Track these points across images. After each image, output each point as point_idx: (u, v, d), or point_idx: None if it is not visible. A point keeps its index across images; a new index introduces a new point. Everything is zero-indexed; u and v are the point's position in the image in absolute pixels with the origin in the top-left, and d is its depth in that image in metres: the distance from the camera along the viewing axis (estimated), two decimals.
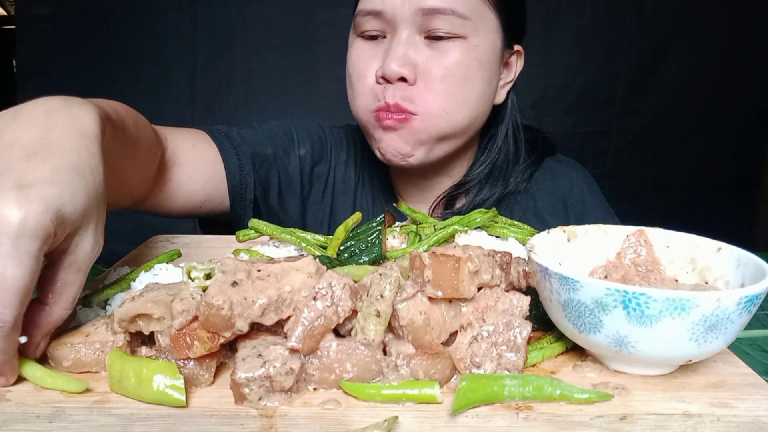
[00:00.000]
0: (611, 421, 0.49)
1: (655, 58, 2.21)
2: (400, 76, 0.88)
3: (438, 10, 0.86)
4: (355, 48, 0.95)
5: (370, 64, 0.92)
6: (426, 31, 0.89)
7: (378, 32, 0.92)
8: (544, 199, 1.07)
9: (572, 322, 0.55)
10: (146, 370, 0.51)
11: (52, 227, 0.47)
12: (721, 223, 1.70)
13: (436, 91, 0.90)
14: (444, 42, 0.89)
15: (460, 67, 0.90)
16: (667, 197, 2.35)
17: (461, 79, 0.90)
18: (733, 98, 2.28)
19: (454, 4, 0.87)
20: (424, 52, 0.89)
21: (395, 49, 0.88)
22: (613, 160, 2.32)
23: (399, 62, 0.87)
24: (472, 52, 0.90)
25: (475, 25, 0.89)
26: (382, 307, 0.53)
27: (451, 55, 0.89)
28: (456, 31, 0.88)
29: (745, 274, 0.58)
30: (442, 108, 0.91)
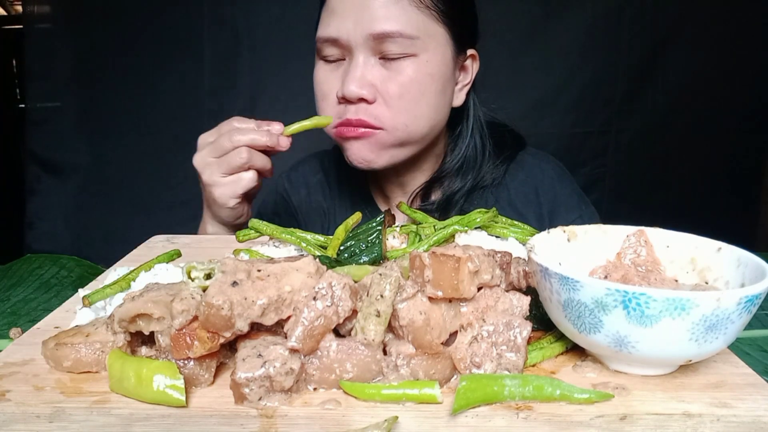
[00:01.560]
0: (611, 421, 0.49)
1: (654, 58, 2.21)
2: (359, 97, 0.96)
3: (387, 34, 0.93)
4: (318, 71, 1.04)
5: (332, 85, 1.00)
6: (379, 53, 0.96)
7: (337, 56, 0.99)
8: (516, 189, 1.14)
9: (572, 322, 0.55)
10: (146, 370, 0.51)
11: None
12: (721, 223, 1.69)
13: (395, 108, 0.98)
14: (397, 61, 0.96)
15: (414, 83, 0.97)
16: (667, 197, 2.35)
17: (416, 94, 0.98)
18: (733, 98, 2.28)
19: (401, 27, 0.93)
20: (379, 72, 0.97)
21: (353, 72, 0.96)
22: (612, 160, 2.32)
23: (357, 84, 0.95)
24: (423, 67, 0.97)
25: (425, 42, 0.96)
26: (382, 307, 0.53)
27: (404, 73, 0.96)
28: (407, 50, 0.95)
29: (745, 274, 0.58)
30: (402, 122, 0.99)
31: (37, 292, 1.15)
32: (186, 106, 2.28)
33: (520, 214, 1.11)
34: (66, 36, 2.26)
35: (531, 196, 1.14)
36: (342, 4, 0.96)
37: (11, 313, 1.06)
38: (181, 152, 2.30)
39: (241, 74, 2.25)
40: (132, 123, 2.29)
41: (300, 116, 1.06)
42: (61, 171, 2.32)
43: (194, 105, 2.28)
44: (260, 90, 2.25)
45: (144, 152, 2.30)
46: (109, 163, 2.32)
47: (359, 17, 0.94)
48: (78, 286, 0.77)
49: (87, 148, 2.31)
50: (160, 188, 2.32)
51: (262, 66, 2.24)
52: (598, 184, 2.32)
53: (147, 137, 2.30)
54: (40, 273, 1.22)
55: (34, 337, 0.63)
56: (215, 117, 2.31)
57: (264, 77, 2.25)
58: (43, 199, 2.34)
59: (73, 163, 2.31)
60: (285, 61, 2.20)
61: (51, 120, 2.30)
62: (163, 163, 2.30)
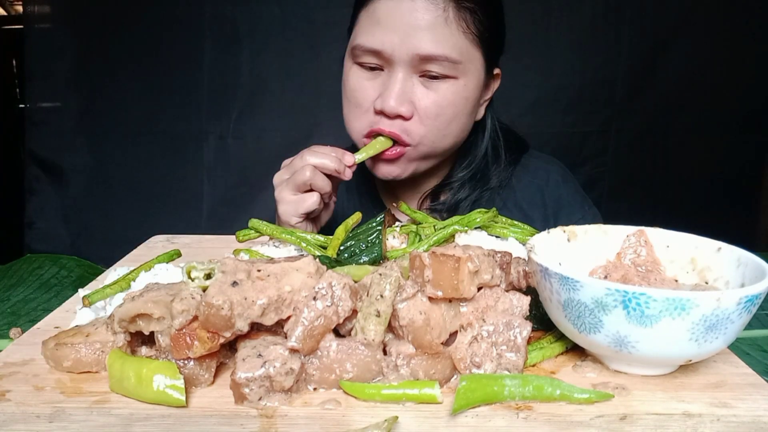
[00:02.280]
0: (611, 421, 0.49)
1: (654, 58, 2.21)
2: (397, 113, 0.96)
3: (433, 56, 0.93)
4: (353, 75, 1.01)
5: (367, 94, 1.00)
6: (421, 72, 0.96)
7: (375, 65, 0.99)
8: (522, 191, 1.15)
9: (572, 322, 0.55)
10: (146, 370, 0.51)
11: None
12: (721, 223, 1.69)
13: (429, 126, 0.99)
14: (437, 82, 0.97)
15: (451, 106, 0.98)
16: (667, 197, 2.35)
17: (451, 116, 0.99)
18: (733, 97, 2.27)
19: (447, 51, 0.93)
20: (419, 90, 0.97)
21: (393, 86, 0.96)
22: (612, 160, 2.31)
23: (397, 100, 0.95)
24: (461, 91, 0.98)
25: (465, 66, 0.97)
26: (382, 307, 0.53)
27: (443, 94, 0.97)
28: (448, 73, 0.96)
29: (745, 274, 0.58)
30: (431, 140, 1.01)
31: (37, 292, 1.15)
32: (186, 107, 2.28)
33: (526, 215, 1.13)
34: (66, 36, 2.25)
35: (536, 197, 1.15)
36: (390, 17, 0.94)
37: (11, 313, 1.06)
38: (182, 152, 2.32)
39: (242, 75, 2.25)
40: (132, 123, 2.29)
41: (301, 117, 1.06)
42: (61, 171, 2.32)
43: (194, 105, 2.28)
44: (261, 91, 2.25)
45: (144, 152, 2.30)
46: (109, 163, 2.32)
47: (407, 34, 0.93)
48: (78, 286, 0.77)
49: (87, 148, 2.31)
50: (161, 188, 2.32)
51: (262, 67, 2.24)
52: (598, 184, 2.32)
53: (147, 137, 2.30)
54: (40, 273, 1.22)
55: (34, 337, 0.63)
56: (215, 117, 2.33)
57: (265, 78, 2.24)
58: (43, 199, 2.33)
59: (73, 163, 2.31)
60: (286, 62, 2.20)
61: (51, 120, 2.29)
62: (163, 163, 2.30)
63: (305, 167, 0.94)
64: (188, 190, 2.32)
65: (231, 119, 2.27)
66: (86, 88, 2.27)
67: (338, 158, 0.95)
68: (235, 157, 2.29)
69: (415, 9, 0.92)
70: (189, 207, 2.33)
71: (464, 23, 0.94)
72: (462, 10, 0.94)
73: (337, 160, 0.95)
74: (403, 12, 0.93)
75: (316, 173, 0.94)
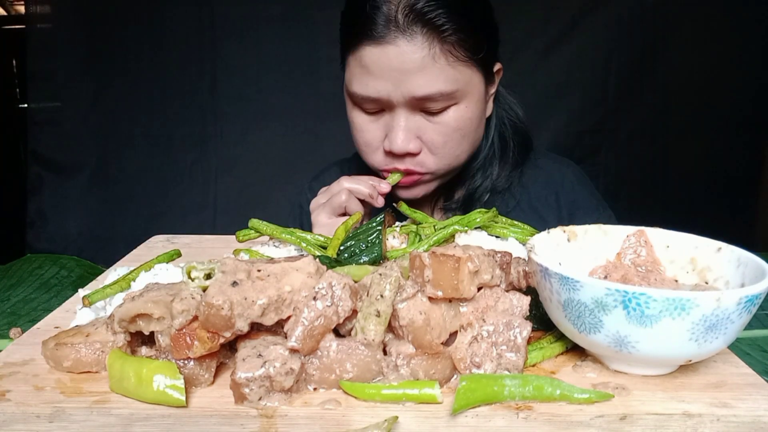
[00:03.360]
0: (611, 421, 0.49)
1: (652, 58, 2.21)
2: (406, 152, 0.99)
3: (428, 97, 0.95)
4: (358, 119, 1.03)
5: (374, 135, 1.02)
6: (421, 108, 0.98)
7: (377, 109, 1.00)
8: (538, 192, 1.15)
9: (572, 322, 0.55)
10: (146, 370, 0.51)
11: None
12: (721, 223, 1.69)
13: (440, 155, 1.01)
14: (439, 115, 0.98)
15: (457, 130, 1.00)
16: (667, 197, 2.35)
17: (459, 139, 1.01)
18: (730, 97, 2.27)
19: (441, 87, 0.94)
20: (422, 124, 0.99)
21: (396, 128, 0.98)
22: (611, 160, 2.31)
23: (403, 141, 0.98)
24: (464, 113, 0.99)
25: (463, 91, 0.98)
26: (382, 307, 0.53)
27: (447, 123, 0.98)
28: (447, 103, 0.97)
29: (745, 274, 0.58)
30: (446, 164, 1.03)
31: (37, 292, 1.15)
32: (187, 107, 2.28)
33: (540, 216, 1.13)
34: (68, 36, 2.26)
35: (551, 199, 1.15)
36: (378, 64, 0.95)
37: (11, 313, 1.06)
38: (182, 153, 2.32)
39: (246, 76, 2.25)
40: (133, 123, 2.29)
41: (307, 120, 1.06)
42: (63, 171, 2.32)
43: (196, 106, 2.28)
44: (265, 93, 2.25)
45: (145, 152, 2.30)
46: (110, 163, 2.32)
47: (398, 80, 0.94)
48: (78, 286, 0.77)
49: (88, 148, 2.31)
50: (161, 188, 2.32)
51: (267, 69, 2.24)
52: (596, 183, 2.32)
53: (148, 137, 2.30)
54: (40, 273, 1.22)
55: (34, 337, 0.63)
56: (217, 118, 2.33)
57: (270, 81, 2.24)
58: (45, 199, 2.34)
59: (74, 163, 2.31)
60: (291, 64, 2.20)
61: (53, 120, 2.30)
62: (163, 163, 2.31)
63: (341, 191, 0.98)
64: (189, 191, 2.33)
65: (235, 121, 2.27)
66: (88, 88, 2.27)
67: (373, 185, 0.99)
68: (237, 159, 2.29)
69: (401, 53, 0.92)
70: (189, 207, 2.33)
71: (452, 54, 0.94)
72: (446, 44, 0.93)
73: (372, 186, 0.99)
74: (390, 58, 0.93)
75: (351, 197, 0.98)
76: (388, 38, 0.92)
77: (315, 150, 2.10)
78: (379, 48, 0.93)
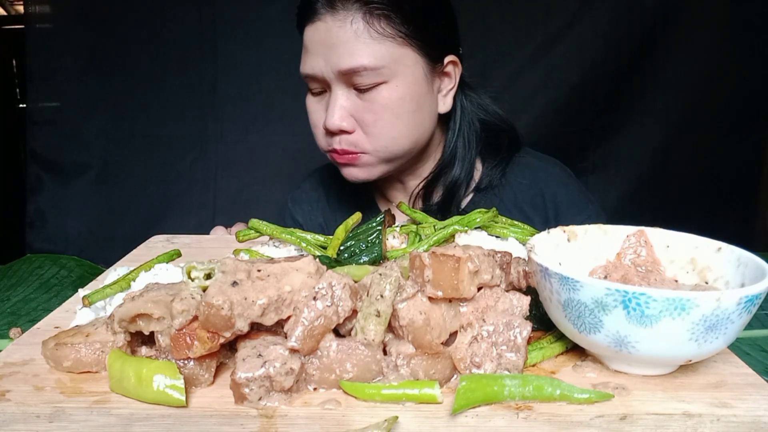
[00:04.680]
0: (611, 421, 0.49)
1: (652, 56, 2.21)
2: (340, 129, 1.02)
3: (352, 69, 0.97)
4: (308, 101, 1.10)
5: (319, 116, 1.06)
6: (353, 85, 1.01)
7: (320, 89, 1.05)
8: (523, 192, 1.16)
9: (572, 322, 0.55)
10: (146, 370, 0.51)
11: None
12: (721, 223, 1.69)
13: (373, 134, 1.03)
14: (370, 91, 1.00)
15: (387, 109, 1.01)
16: (667, 197, 2.34)
17: (390, 118, 1.02)
18: (730, 96, 2.26)
19: (365, 61, 0.97)
20: (356, 103, 1.02)
21: (331, 106, 1.02)
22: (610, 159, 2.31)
23: (337, 118, 1.01)
24: (394, 92, 1.01)
25: (391, 69, 0.99)
26: (382, 307, 0.53)
27: (377, 100, 1.00)
28: (376, 80, 0.99)
29: (745, 274, 0.58)
30: (381, 145, 1.04)
31: (37, 292, 1.15)
32: (188, 107, 2.27)
33: (526, 216, 1.13)
34: (67, 36, 2.25)
35: (537, 199, 1.15)
36: (312, 42, 1.01)
37: (11, 313, 1.06)
38: (182, 153, 2.31)
39: (246, 76, 2.25)
40: (133, 123, 2.28)
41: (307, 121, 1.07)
42: (62, 171, 2.32)
43: (196, 106, 2.27)
44: (265, 93, 2.24)
45: (145, 152, 2.30)
46: (109, 162, 2.31)
47: (327, 55, 0.99)
48: (78, 286, 0.77)
49: (87, 148, 2.30)
50: (161, 188, 2.32)
51: (267, 69, 2.24)
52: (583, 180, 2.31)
53: (148, 138, 2.30)
54: (40, 273, 1.22)
55: (34, 337, 0.63)
56: (217, 119, 2.33)
57: (270, 81, 2.24)
58: (44, 199, 2.34)
59: (73, 163, 2.31)
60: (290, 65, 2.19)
61: (52, 120, 2.30)
62: (163, 163, 2.30)
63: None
64: (189, 191, 2.32)
65: (235, 121, 2.27)
66: (88, 87, 2.27)
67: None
68: (237, 159, 2.29)
69: (328, 29, 0.98)
70: (189, 207, 2.33)
71: (377, 30, 0.97)
72: (371, 18, 0.97)
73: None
74: (320, 34, 0.99)
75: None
76: (319, 15, 0.99)
77: (314, 150, 2.10)
78: (313, 26, 1.00)
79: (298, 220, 1.28)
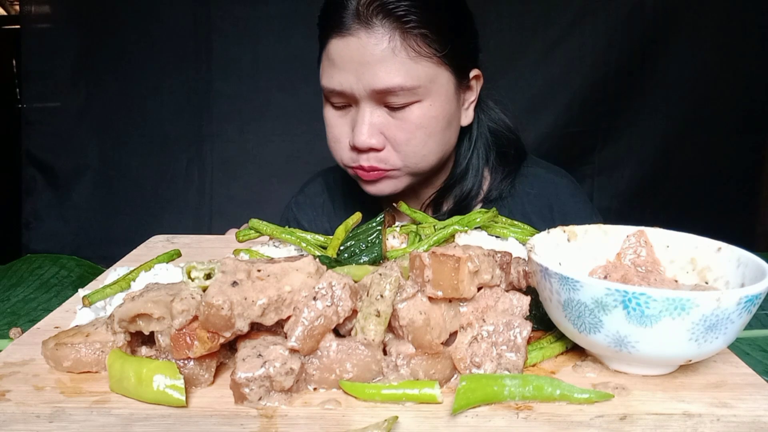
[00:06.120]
0: (611, 421, 0.49)
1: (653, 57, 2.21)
2: (369, 146, 0.99)
3: (389, 89, 0.95)
4: (328, 114, 1.06)
5: (342, 131, 1.03)
6: (384, 103, 0.98)
7: (344, 103, 1.02)
8: (531, 203, 1.15)
9: (572, 322, 0.55)
10: (146, 370, 0.51)
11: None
12: (721, 223, 1.69)
13: (404, 153, 1.01)
14: (402, 109, 0.98)
15: (420, 128, 0.99)
16: (667, 197, 2.35)
17: (423, 137, 1.00)
18: (730, 96, 2.27)
19: (402, 82, 0.94)
20: (386, 120, 0.99)
21: (360, 123, 0.98)
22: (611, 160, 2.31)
23: (367, 135, 0.98)
24: (428, 111, 0.99)
25: (427, 88, 0.97)
26: (382, 307, 0.53)
27: (410, 119, 0.98)
28: (410, 99, 0.97)
29: (745, 274, 0.58)
30: (412, 162, 1.02)
31: (37, 292, 1.15)
32: (185, 107, 2.27)
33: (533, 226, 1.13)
34: (64, 36, 2.25)
35: (545, 210, 1.15)
36: (341, 57, 0.97)
37: (11, 313, 1.06)
38: (181, 152, 2.31)
39: (242, 75, 2.25)
40: (131, 123, 2.28)
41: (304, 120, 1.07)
42: (58, 171, 2.32)
43: (194, 105, 2.27)
44: (261, 92, 2.24)
45: (143, 152, 2.30)
46: (105, 163, 2.31)
47: (360, 73, 0.95)
48: (78, 286, 0.77)
49: (83, 148, 2.30)
50: (160, 188, 2.32)
51: (265, 68, 2.24)
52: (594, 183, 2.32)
53: (146, 137, 2.29)
54: (40, 273, 1.22)
55: (34, 337, 0.63)
56: (215, 118, 2.32)
57: (266, 80, 2.24)
58: (40, 200, 2.33)
59: (70, 164, 2.31)
60: (287, 64, 2.20)
61: (47, 120, 2.29)
62: (162, 163, 2.30)
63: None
64: (188, 190, 2.32)
65: (234, 121, 2.27)
66: (84, 88, 2.27)
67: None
68: (233, 158, 2.29)
69: (363, 45, 0.94)
70: (189, 207, 2.33)
71: (414, 49, 0.94)
72: (409, 37, 0.94)
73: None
74: (351, 50, 0.95)
75: None
76: (351, 30, 0.94)
77: (312, 150, 2.10)
78: (343, 40, 0.95)
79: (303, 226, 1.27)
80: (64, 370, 0.56)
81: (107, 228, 2.31)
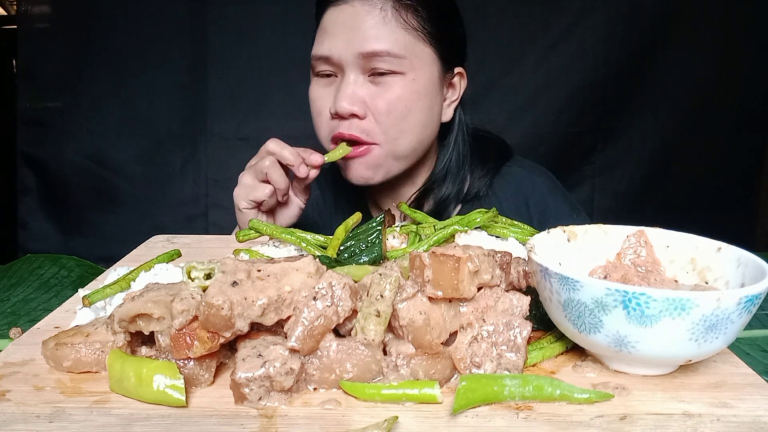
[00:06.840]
0: (611, 421, 0.49)
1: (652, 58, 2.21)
2: (351, 113, 1.01)
3: (376, 52, 0.99)
4: (313, 87, 1.09)
5: (325, 102, 1.06)
6: (369, 71, 1.01)
7: (330, 72, 1.05)
8: (508, 201, 1.17)
9: (572, 322, 0.55)
10: (146, 370, 0.51)
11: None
12: (721, 223, 1.69)
13: (384, 123, 1.03)
14: (385, 78, 1.01)
15: (401, 100, 1.02)
16: (667, 197, 2.35)
17: (403, 110, 1.03)
18: (730, 96, 2.27)
19: (389, 47, 0.99)
20: (369, 89, 1.02)
21: (344, 89, 1.01)
22: (611, 160, 2.31)
23: (349, 101, 1.01)
24: (410, 85, 1.02)
25: (411, 61, 1.01)
26: (382, 307, 0.53)
27: (392, 90, 1.01)
28: (394, 68, 1.01)
29: (745, 274, 0.58)
30: (391, 136, 1.04)
31: (37, 292, 1.15)
32: (183, 107, 2.27)
33: None
34: (60, 36, 2.25)
35: (522, 208, 1.17)
36: (334, 25, 1.01)
37: (11, 313, 1.06)
38: (179, 152, 2.31)
39: (239, 74, 2.25)
40: (128, 123, 2.28)
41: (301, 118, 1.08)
42: (53, 171, 2.31)
43: (187, 104, 2.27)
44: (261, 92, 2.24)
45: (141, 152, 2.30)
46: (103, 163, 2.31)
47: (350, 37, 0.99)
48: (78, 286, 0.77)
49: (78, 148, 2.30)
50: (159, 188, 2.32)
51: (262, 67, 2.23)
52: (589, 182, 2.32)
53: (144, 137, 2.29)
54: (40, 273, 1.22)
55: (34, 337, 0.63)
56: (214, 118, 2.32)
57: (262, 78, 2.24)
58: (35, 200, 2.33)
59: (65, 164, 2.30)
60: (284, 61, 2.20)
61: (42, 120, 2.29)
62: (161, 163, 2.30)
63: (267, 156, 1.00)
64: (188, 190, 2.32)
65: (234, 120, 2.27)
66: (81, 88, 2.26)
67: (298, 153, 1.00)
68: (230, 156, 2.28)
69: (356, 13, 0.99)
70: (188, 207, 2.33)
71: (404, 20, 1.00)
72: (401, 8, 0.99)
73: (296, 154, 0.99)
74: (345, 18, 1.00)
75: (274, 164, 0.99)
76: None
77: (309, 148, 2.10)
78: (337, 9, 1.01)
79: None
80: (64, 370, 0.56)
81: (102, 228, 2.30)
